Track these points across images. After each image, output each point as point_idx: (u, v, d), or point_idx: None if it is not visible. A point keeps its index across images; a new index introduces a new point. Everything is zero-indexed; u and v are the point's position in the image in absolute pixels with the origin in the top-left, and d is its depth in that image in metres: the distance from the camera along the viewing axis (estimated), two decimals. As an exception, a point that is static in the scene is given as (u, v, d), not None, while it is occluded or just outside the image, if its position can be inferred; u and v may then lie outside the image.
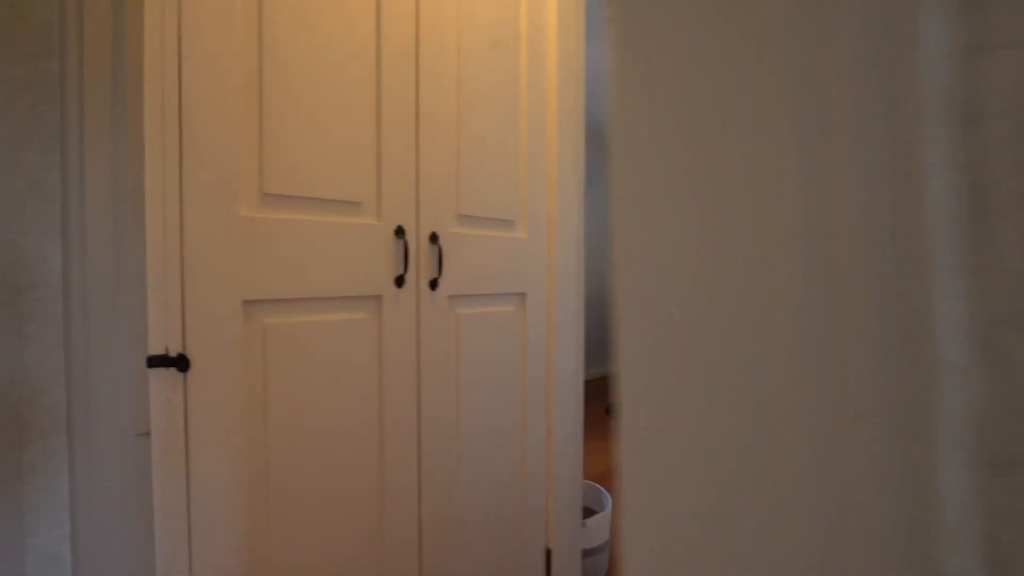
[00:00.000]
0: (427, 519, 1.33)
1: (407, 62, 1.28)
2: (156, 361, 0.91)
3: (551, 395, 1.69)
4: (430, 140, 1.33)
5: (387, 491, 1.24)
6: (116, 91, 0.95)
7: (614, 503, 2.47)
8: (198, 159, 0.96)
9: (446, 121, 1.38)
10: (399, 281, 1.26)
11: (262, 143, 1.04)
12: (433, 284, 1.34)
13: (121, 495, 0.92)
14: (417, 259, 1.30)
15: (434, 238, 1.34)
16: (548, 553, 1.70)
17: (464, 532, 1.43)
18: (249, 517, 1.02)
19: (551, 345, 1.69)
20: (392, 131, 1.25)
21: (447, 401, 1.39)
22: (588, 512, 2.08)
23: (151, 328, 0.91)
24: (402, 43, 1.27)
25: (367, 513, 1.21)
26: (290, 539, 1.07)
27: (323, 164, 1.13)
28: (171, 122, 0.93)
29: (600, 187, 4.19)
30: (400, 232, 1.26)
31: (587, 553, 1.90)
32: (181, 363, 0.93)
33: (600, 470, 2.87)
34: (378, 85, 1.22)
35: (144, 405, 0.92)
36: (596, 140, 2.40)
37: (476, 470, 1.47)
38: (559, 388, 1.71)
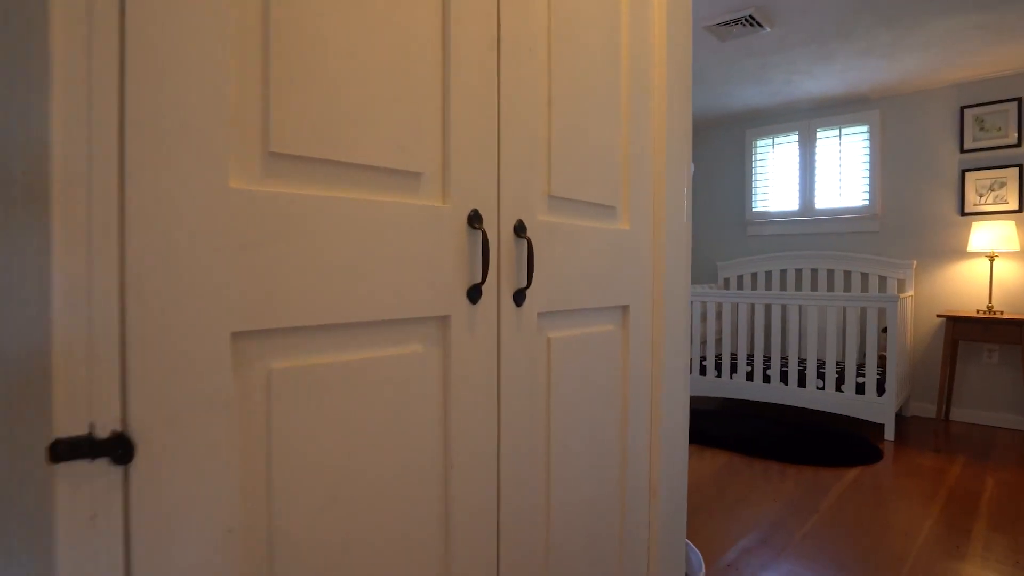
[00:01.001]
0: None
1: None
2: (69, 449, 0.50)
3: (655, 441, 1.26)
4: (515, 82, 0.90)
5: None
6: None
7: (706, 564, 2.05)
8: (153, 87, 0.54)
9: (536, 52, 0.95)
10: (474, 293, 0.84)
11: (268, 69, 0.62)
12: (518, 297, 0.91)
13: None
14: (498, 260, 0.88)
15: (520, 229, 0.91)
16: (645, 649, 1.28)
17: (551, 646, 1.02)
18: None
19: (657, 375, 1.26)
20: (465, 62, 0.82)
21: (535, 470, 0.96)
22: None
23: (58, 389, 0.49)
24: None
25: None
26: None
27: (363, 108, 0.70)
28: (104, 20, 0.51)
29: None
30: (475, 219, 0.83)
31: (680, 632, 1.49)
32: (117, 449, 0.52)
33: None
34: (448, -9, 0.79)
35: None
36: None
37: (569, 565, 1.05)
38: (665, 431, 1.28)
